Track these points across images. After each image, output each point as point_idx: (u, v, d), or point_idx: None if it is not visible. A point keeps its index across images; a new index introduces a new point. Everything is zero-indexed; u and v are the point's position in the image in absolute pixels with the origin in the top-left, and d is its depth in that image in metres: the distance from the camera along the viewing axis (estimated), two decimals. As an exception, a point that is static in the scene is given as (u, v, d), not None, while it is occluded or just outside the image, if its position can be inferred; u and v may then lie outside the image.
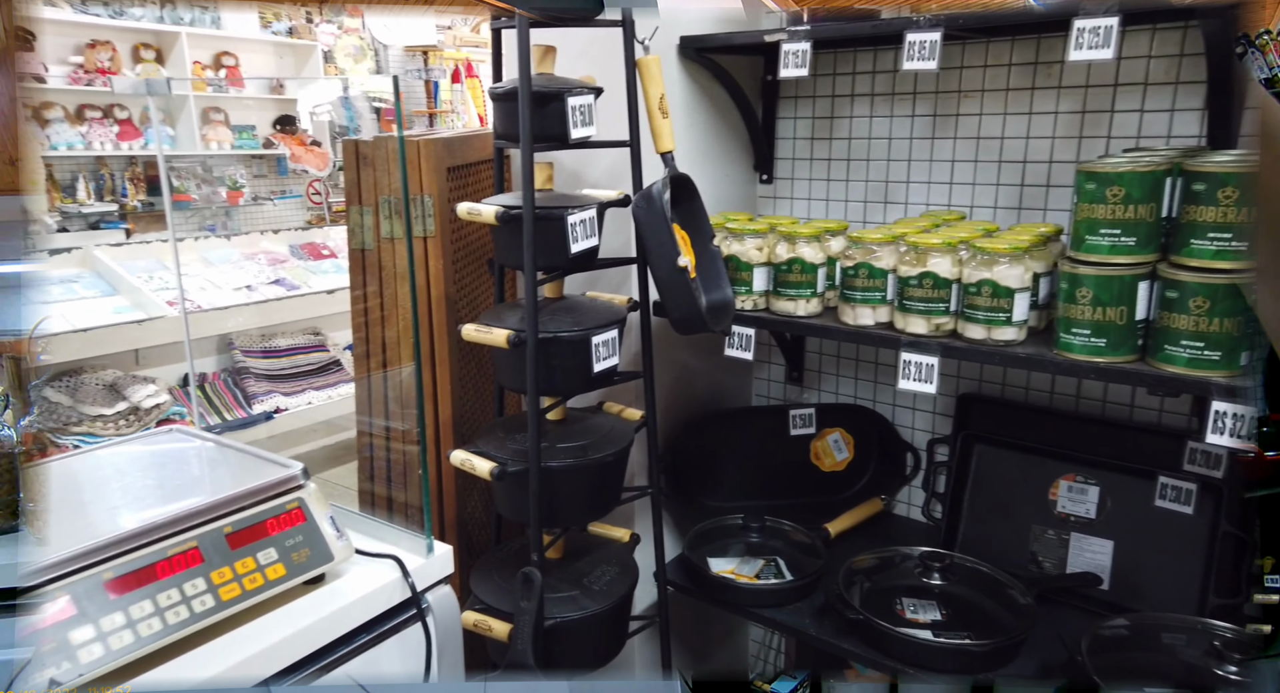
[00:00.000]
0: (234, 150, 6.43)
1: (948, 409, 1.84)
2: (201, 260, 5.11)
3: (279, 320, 4.40)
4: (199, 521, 0.88)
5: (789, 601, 1.60)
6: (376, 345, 1.41)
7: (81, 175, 5.82)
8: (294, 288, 5.31)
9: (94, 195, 5.86)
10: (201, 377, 3.94)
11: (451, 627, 1.04)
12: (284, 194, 6.92)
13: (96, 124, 5.71)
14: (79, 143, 5.61)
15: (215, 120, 6.36)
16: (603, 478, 1.35)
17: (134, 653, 0.78)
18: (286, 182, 6.90)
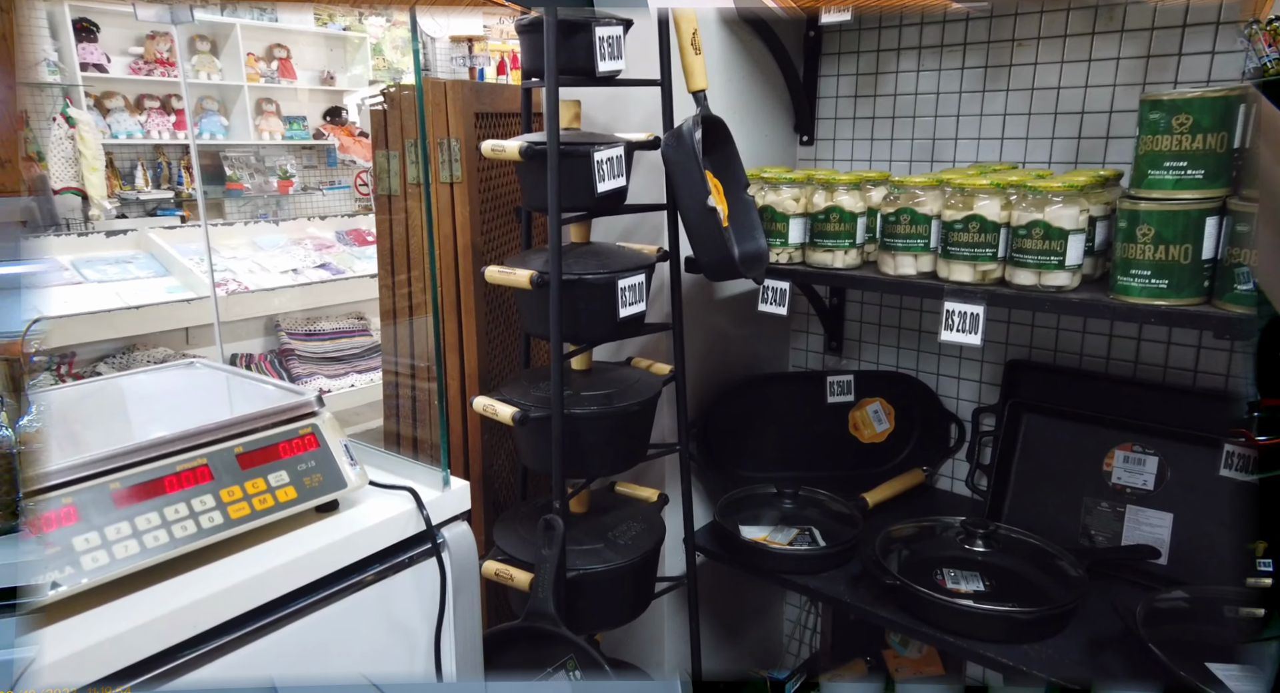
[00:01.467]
0: (285, 141, 6.56)
1: (995, 377, 1.76)
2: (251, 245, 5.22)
3: (323, 303, 4.47)
4: (209, 439, 0.86)
5: (823, 568, 1.53)
6: (402, 293, 1.39)
7: (140, 163, 5.99)
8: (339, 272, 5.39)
9: (151, 183, 6.04)
10: (248, 357, 4.01)
11: (468, 566, 1.01)
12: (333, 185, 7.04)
13: (155, 113, 5.88)
14: (138, 131, 5.78)
15: (268, 111, 6.50)
16: (628, 429, 1.31)
17: (140, 563, 0.76)
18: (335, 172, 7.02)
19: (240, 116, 6.34)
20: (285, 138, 6.64)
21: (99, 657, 0.71)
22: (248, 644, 0.81)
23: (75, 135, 5.18)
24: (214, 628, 0.79)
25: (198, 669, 0.78)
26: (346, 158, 7.20)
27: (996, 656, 1.28)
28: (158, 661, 0.75)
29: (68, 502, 0.74)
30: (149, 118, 5.92)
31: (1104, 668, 1.23)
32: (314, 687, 0.83)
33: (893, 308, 1.89)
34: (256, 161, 6.65)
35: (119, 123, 5.84)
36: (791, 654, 2.22)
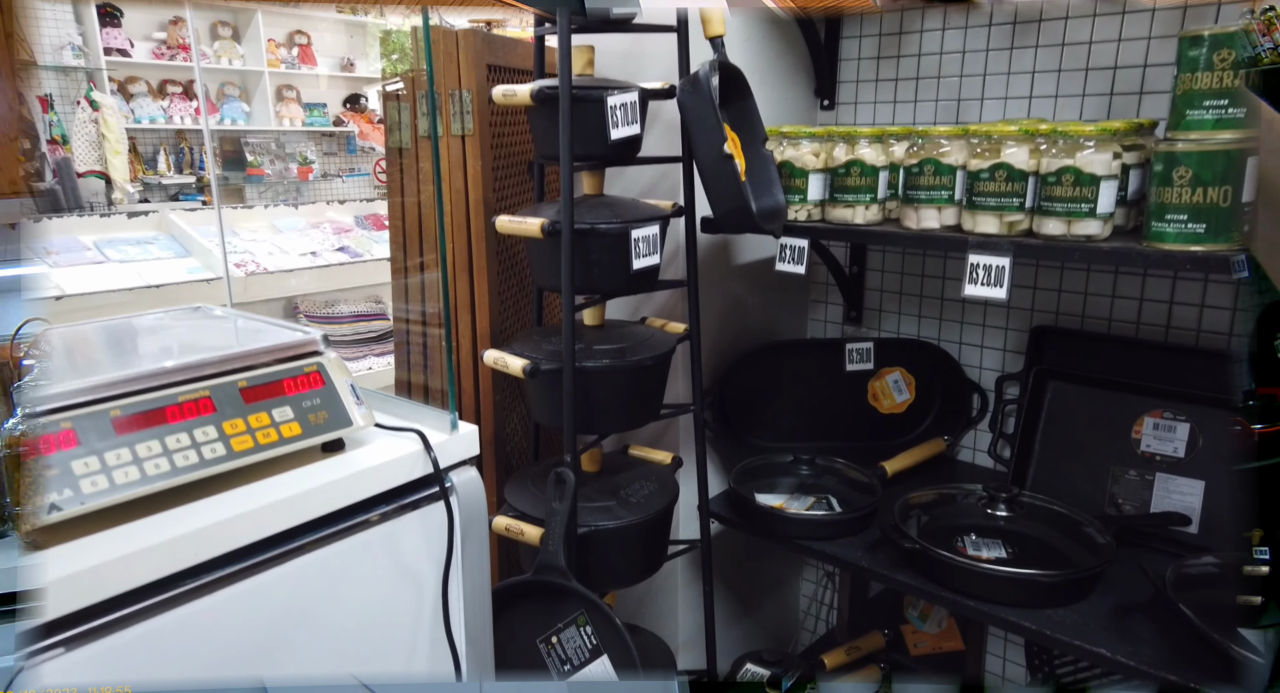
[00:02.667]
0: (305, 127, 6.59)
1: (1019, 345, 1.71)
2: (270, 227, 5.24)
3: (341, 286, 4.49)
4: (212, 372, 0.84)
5: (841, 534, 1.50)
6: (414, 247, 1.37)
7: (163, 148, 6.04)
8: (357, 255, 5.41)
9: (174, 168, 6.08)
10: (266, 337, 4.02)
11: (477, 512, 0.99)
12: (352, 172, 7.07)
13: (177, 99, 5.92)
14: (160, 116, 5.82)
15: (288, 97, 6.53)
16: (641, 384, 1.28)
17: (141, 490, 0.75)
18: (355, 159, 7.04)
19: (261, 103, 6.37)
20: (305, 124, 6.67)
21: (100, 579, 0.69)
22: (252, 577, 0.80)
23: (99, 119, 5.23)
24: (218, 558, 0.77)
25: (201, 598, 0.76)
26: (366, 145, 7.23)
27: (1019, 620, 1.24)
28: (160, 587, 0.74)
29: (66, 426, 0.73)
30: (171, 103, 5.97)
31: (1131, 633, 1.19)
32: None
33: (914, 276, 1.85)
34: (277, 148, 6.68)
35: (142, 107, 5.88)
36: (807, 630, 2.19)
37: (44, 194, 4.81)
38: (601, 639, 1.19)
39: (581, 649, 1.19)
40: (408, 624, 0.95)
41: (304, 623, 0.84)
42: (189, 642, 0.75)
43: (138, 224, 4.54)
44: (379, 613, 0.92)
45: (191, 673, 0.76)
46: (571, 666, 1.19)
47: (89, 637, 0.69)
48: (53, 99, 5.16)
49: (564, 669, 1.20)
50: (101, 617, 0.70)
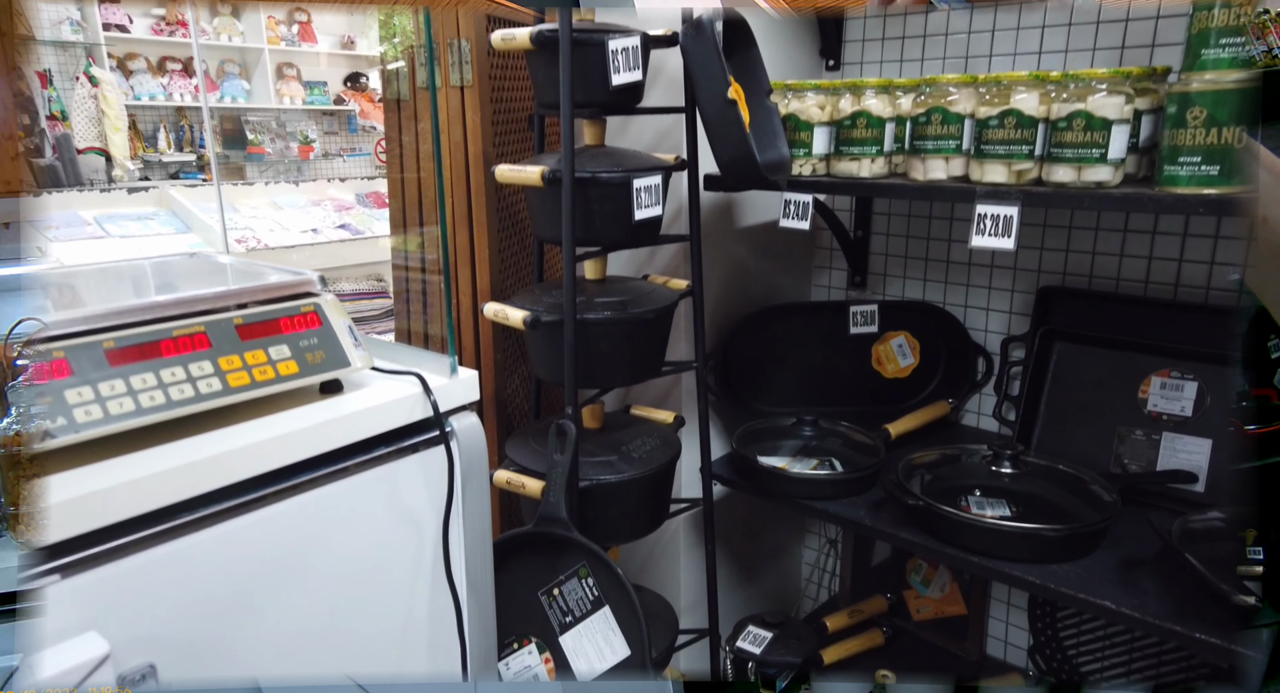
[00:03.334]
0: (306, 106, 6.54)
1: (1025, 308, 1.69)
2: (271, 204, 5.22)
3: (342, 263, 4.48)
4: (207, 308, 0.83)
5: (844, 494, 1.49)
6: (413, 201, 1.36)
7: (163, 126, 6.00)
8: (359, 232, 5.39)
9: (174, 146, 6.04)
10: (268, 313, 4.01)
11: (477, 458, 0.98)
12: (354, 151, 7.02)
13: (177, 76, 5.88)
14: (160, 94, 5.78)
15: (289, 76, 6.48)
16: (642, 338, 1.27)
17: (136, 421, 0.74)
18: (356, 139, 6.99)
19: (261, 80, 6.33)
20: (306, 103, 6.62)
21: (96, 507, 0.68)
22: (251, 513, 0.79)
23: (98, 95, 5.19)
24: (216, 492, 0.77)
25: (200, 532, 0.75)
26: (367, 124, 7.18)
27: (1023, 575, 1.23)
28: (157, 518, 0.73)
29: (59, 355, 0.72)
30: (171, 80, 5.92)
31: (1136, 586, 1.18)
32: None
33: (919, 239, 1.83)
34: (278, 126, 6.64)
35: (141, 84, 5.84)
36: (809, 598, 2.19)
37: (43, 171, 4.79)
38: (603, 591, 1.18)
39: (583, 601, 1.19)
40: (408, 568, 0.94)
41: (303, 561, 0.83)
42: (188, 574, 0.75)
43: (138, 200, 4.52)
44: (379, 555, 0.91)
45: (191, 606, 0.75)
46: (573, 617, 1.19)
47: (86, 564, 0.68)
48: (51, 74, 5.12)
49: (565, 621, 1.19)
50: (98, 545, 0.69)
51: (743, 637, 1.69)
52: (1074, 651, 1.68)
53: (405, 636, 0.95)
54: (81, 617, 0.68)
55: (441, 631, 0.98)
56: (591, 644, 1.17)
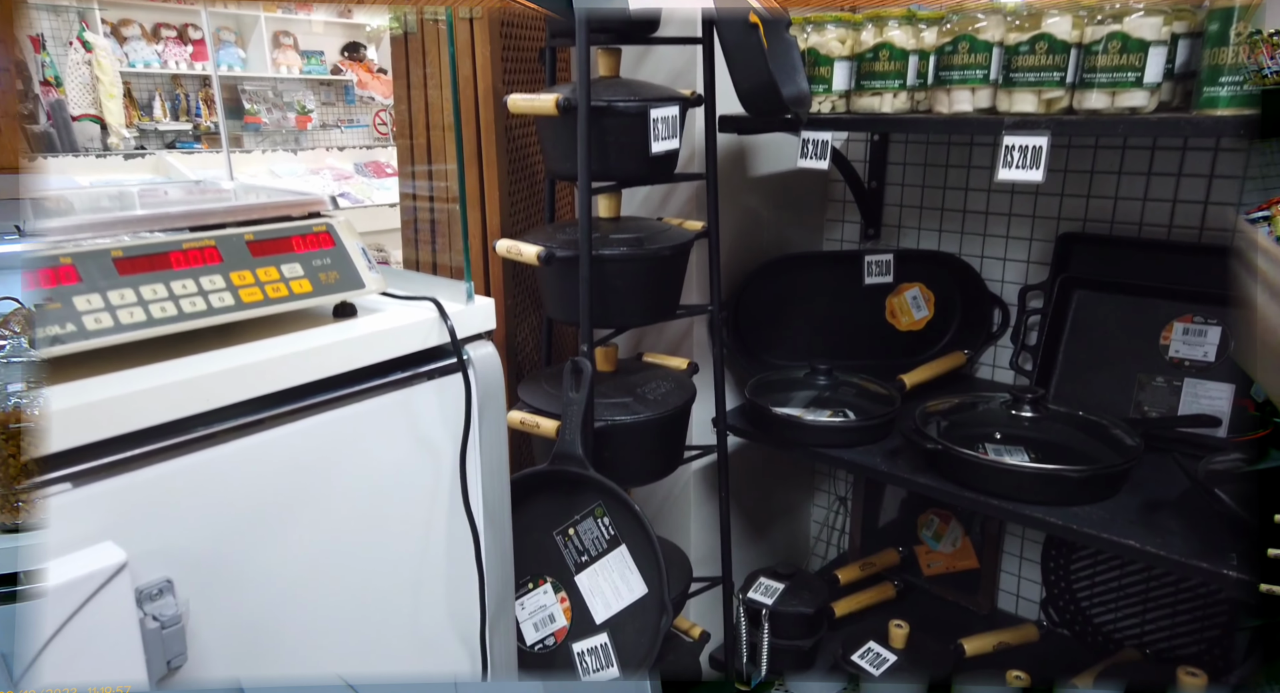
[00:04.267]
0: (303, 76, 6.45)
1: (1044, 256, 1.67)
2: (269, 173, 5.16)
3: (343, 230, 4.42)
4: (218, 222, 0.80)
5: (859, 441, 1.47)
6: (421, 140, 1.32)
7: (158, 94, 5.91)
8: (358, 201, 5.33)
9: (170, 114, 5.96)
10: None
11: (494, 388, 0.96)
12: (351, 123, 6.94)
13: (172, 43, 5.78)
14: (155, 61, 5.69)
15: (285, 44, 6.38)
16: (658, 276, 1.24)
17: (147, 332, 0.71)
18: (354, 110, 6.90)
19: (257, 49, 6.23)
20: (303, 72, 6.52)
21: (107, 415, 0.66)
22: (265, 431, 0.77)
23: (92, 61, 5.10)
24: (230, 408, 0.74)
25: (213, 448, 0.73)
26: (365, 94, 7.08)
27: (1045, 516, 1.22)
28: (170, 431, 0.70)
29: (66, 261, 0.69)
30: (166, 47, 5.83)
31: (1160, 527, 1.16)
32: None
33: (936, 188, 1.80)
34: (274, 96, 6.55)
35: (135, 51, 5.75)
36: (818, 556, 2.18)
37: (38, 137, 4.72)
38: (619, 530, 1.16)
39: (599, 540, 1.17)
40: (425, 496, 0.92)
41: (320, 483, 0.81)
42: (203, 490, 0.72)
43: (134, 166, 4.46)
44: (396, 481, 0.89)
45: (206, 523, 0.73)
46: (589, 556, 1.17)
47: (97, 474, 0.66)
48: (44, 39, 5.03)
49: (581, 561, 1.18)
50: (110, 455, 0.67)
51: (754, 588, 1.68)
52: (1087, 603, 1.68)
53: (422, 565, 0.93)
54: (93, 528, 0.66)
55: (459, 562, 0.96)
56: (608, 583, 1.16)
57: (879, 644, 1.58)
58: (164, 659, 0.68)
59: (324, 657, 0.85)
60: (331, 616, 0.85)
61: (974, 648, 1.58)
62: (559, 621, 1.17)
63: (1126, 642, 1.60)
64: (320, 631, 0.84)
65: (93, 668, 0.64)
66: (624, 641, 1.15)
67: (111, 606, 0.63)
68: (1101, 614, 1.65)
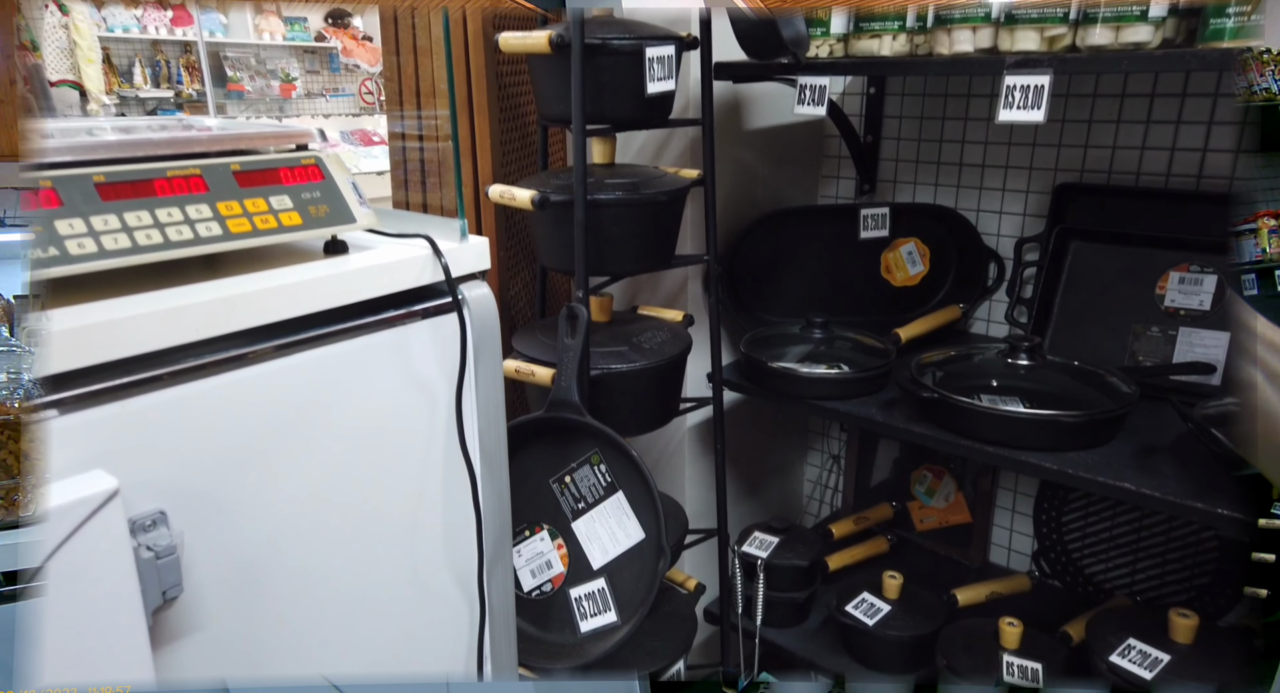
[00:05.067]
0: (286, 42, 6.31)
1: (1040, 209, 1.66)
2: (254, 140, 5.04)
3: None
4: (203, 151, 0.78)
5: (855, 393, 1.47)
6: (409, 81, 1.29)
7: (138, 60, 5.79)
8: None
9: (150, 81, 5.84)
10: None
11: (489, 328, 0.95)
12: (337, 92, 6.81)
13: (151, 7, 5.65)
14: (134, 26, 5.56)
15: (268, 10, 6.24)
16: (654, 222, 1.23)
17: (133, 259, 0.69)
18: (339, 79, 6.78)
19: (239, 14, 6.10)
20: (286, 39, 6.39)
21: (94, 341, 0.64)
22: (257, 364, 0.75)
23: (69, 24, 4.98)
24: (221, 338, 0.72)
25: (204, 379, 0.72)
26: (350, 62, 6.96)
27: (1040, 462, 1.22)
28: (159, 361, 0.69)
29: (46, 185, 0.67)
30: (145, 12, 5.70)
31: (1155, 470, 1.17)
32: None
33: (932, 142, 1.78)
34: (257, 63, 6.42)
35: (114, 16, 5.62)
36: (811, 514, 2.20)
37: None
38: (616, 476, 1.16)
39: (596, 487, 1.16)
40: (421, 437, 0.91)
41: (312, 420, 0.80)
42: (195, 422, 0.71)
43: (116, 132, 4.35)
44: (390, 421, 0.88)
45: (199, 455, 0.72)
46: (586, 503, 1.17)
47: (86, 401, 0.64)
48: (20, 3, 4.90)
49: (578, 508, 1.17)
50: (99, 382, 0.65)
51: (749, 542, 1.69)
52: (1078, 554, 1.69)
53: (419, 506, 0.92)
54: (81, 457, 0.64)
55: (455, 504, 0.95)
56: (605, 529, 1.15)
57: (873, 595, 1.59)
58: (159, 590, 0.67)
59: (320, 596, 0.84)
60: (328, 555, 0.84)
61: (967, 598, 1.60)
62: (556, 567, 1.17)
63: (1117, 591, 1.62)
64: (316, 569, 0.83)
65: (87, 599, 0.63)
66: (621, 585, 1.15)
67: (105, 533, 0.62)
68: (1092, 565, 1.67)
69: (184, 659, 0.74)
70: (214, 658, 0.76)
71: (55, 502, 0.59)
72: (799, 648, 1.63)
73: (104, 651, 0.65)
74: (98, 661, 0.64)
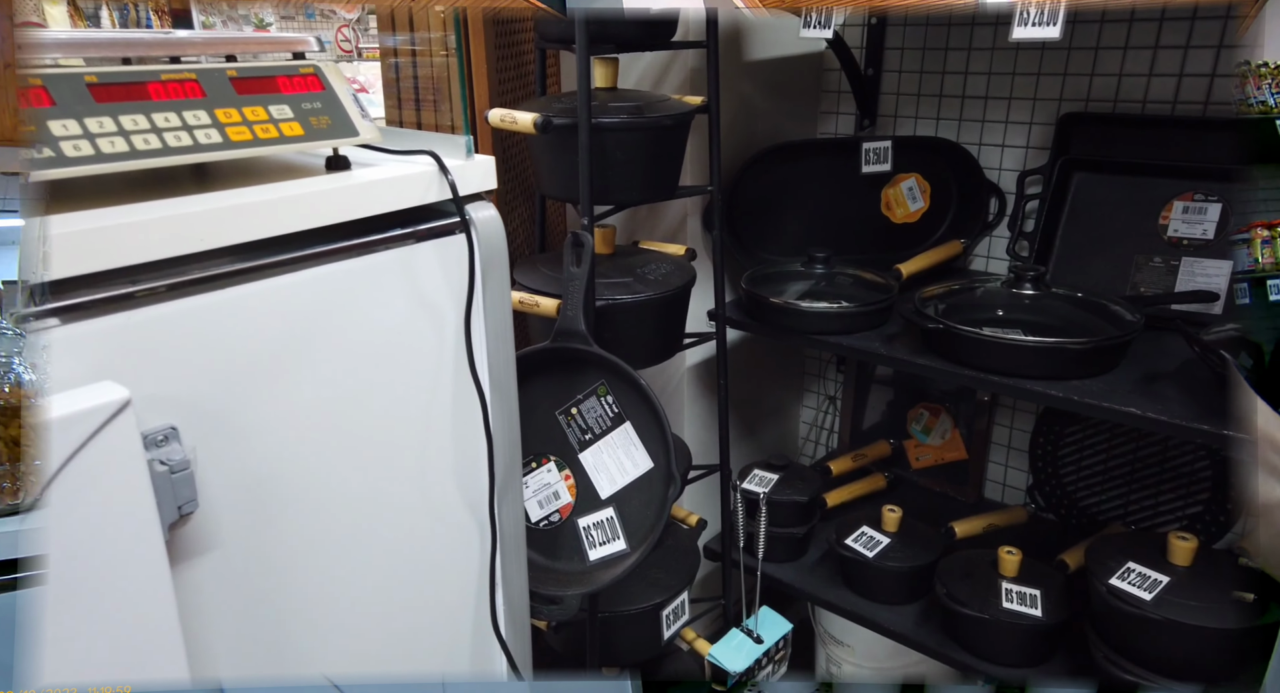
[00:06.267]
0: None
1: (1044, 141, 1.64)
2: (230, 87, 4.90)
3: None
4: (194, 55, 0.74)
5: (858, 327, 1.46)
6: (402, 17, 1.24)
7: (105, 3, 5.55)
8: (325, 116, 5.11)
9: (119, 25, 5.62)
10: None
11: (497, 249, 0.92)
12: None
13: (114, -52, 5.41)
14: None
15: (238, -48, 6.02)
16: (659, 148, 1.20)
17: (131, 164, 0.66)
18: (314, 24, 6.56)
19: (208, -44, 5.85)
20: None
21: (95, 246, 0.62)
22: (263, 278, 0.73)
23: (29, -35, 4.77)
24: (228, 249, 0.70)
25: (209, 293, 0.69)
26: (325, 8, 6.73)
27: (1045, 390, 1.22)
28: (163, 271, 0.66)
29: (36, 82, 0.63)
30: (109, -47, 5.46)
31: (1160, 395, 1.18)
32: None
33: (934, 74, 1.74)
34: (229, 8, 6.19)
35: (76, -43, 5.37)
36: (806, 456, 2.21)
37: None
38: (623, 407, 1.15)
39: (603, 418, 1.16)
40: (430, 358, 0.89)
41: (319, 337, 0.78)
42: (202, 335, 0.69)
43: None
44: (399, 341, 0.86)
45: (207, 370, 0.70)
46: (593, 434, 1.16)
47: (88, 311, 0.62)
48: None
49: (585, 439, 1.17)
50: (101, 291, 0.63)
51: (749, 479, 1.70)
52: (1073, 486, 1.72)
53: (428, 429, 0.91)
54: (87, 368, 0.62)
55: (465, 429, 0.94)
56: (613, 460, 1.15)
57: (872, 528, 1.61)
58: (175, 505, 0.66)
59: (332, 516, 0.84)
60: (339, 475, 0.83)
61: (964, 530, 1.62)
62: (564, 497, 1.17)
63: (1111, 522, 1.65)
64: (327, 489, 0.82)
65: (100, 516, 0.62)
66: (629, 514, 1.15)
67: (118, 446, 0.60)
68: (1086, 497, 1.70)
69: (200, 578, 0.73)
70: (228, 576, 0.75)
71: (63, 411, 0.57)
72: (798, 582, 1.65)
73: (120, 571, 0.63)
74: (114, 582, 0.63)
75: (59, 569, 0.61)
